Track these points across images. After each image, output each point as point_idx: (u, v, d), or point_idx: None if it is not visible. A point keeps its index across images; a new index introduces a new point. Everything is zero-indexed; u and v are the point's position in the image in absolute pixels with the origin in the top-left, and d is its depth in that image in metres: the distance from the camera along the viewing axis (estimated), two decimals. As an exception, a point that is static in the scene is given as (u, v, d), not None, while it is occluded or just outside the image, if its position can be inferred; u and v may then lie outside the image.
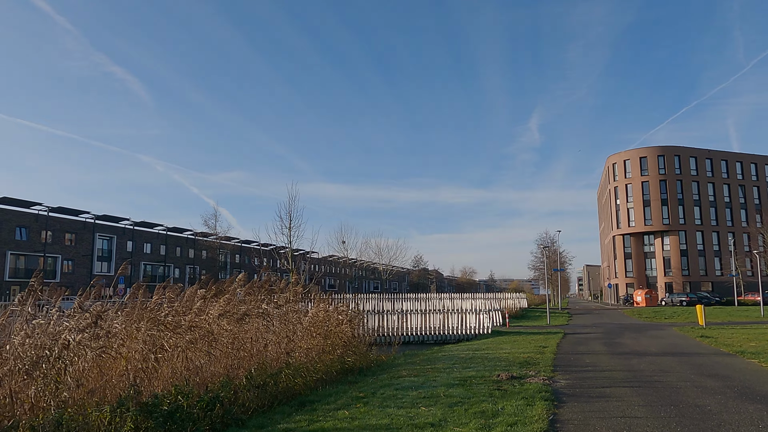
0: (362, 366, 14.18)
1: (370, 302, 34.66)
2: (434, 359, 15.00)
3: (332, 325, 15.22)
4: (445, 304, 34.63)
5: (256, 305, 11.48)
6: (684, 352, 15.61)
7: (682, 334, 21.64)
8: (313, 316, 13.40)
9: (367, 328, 21.53)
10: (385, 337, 21.74)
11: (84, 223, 62.99)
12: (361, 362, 14.52)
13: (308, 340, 13.45)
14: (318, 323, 14.26)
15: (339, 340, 15.13)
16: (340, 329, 15.59)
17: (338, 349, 14.81)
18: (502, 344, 18.52)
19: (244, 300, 11.71)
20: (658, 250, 70.62)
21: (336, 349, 14.70)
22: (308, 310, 14.23)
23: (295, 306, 13.85)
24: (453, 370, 12.04)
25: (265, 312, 11.28)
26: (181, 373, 9.47)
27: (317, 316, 14.26)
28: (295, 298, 13.74)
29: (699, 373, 11.25)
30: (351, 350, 15.75)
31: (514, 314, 38.02)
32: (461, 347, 18.38)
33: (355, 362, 13.56)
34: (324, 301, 15.64)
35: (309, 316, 12.89)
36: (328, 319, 15.17)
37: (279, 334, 12.20)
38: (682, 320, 32.78)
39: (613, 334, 22.40)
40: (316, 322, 14.52)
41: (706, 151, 72.49)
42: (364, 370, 13.68)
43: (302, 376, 11.19)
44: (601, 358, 14.35)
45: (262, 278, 15.13)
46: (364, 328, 20.10)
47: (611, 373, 11.51)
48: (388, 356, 16.92)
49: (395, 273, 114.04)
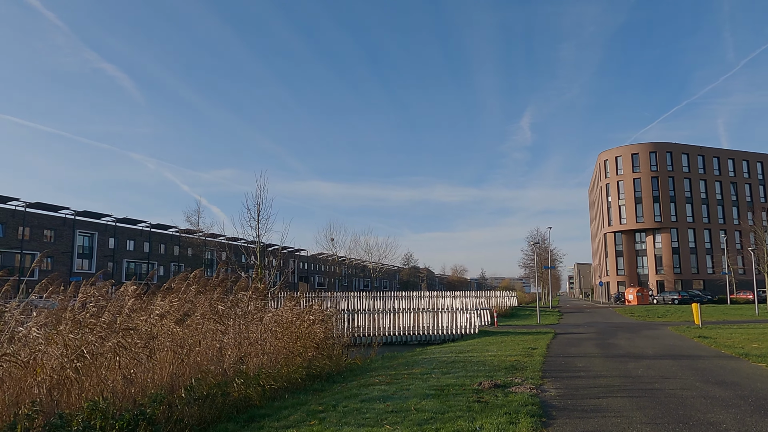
0: (333, 371, 12.91)
1: (354, 300, 33.35)
2: (413, 363, 13.75)
3: (302, 326, 13.95)
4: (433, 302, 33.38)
5: (207, 305, 10.15)
6: (683, 354, 14.45)
7: (679, 334, 20.53)
8: (275, 316, 12.06)
9: (347, 328, 20.28)
10: (365, 337, 20.47)
11: (64, 219, 61.23)
12: (333, 367, 13.25)
13: (273, 343, 12.17)
14: (284, 324, 12.97)
15: (310, 343, 13.88)
16: (311, 330, 14.33)
17: (309, 352, 13.56)
18: (489, 345, 17.30)
19: (193, 299, 10.37)
20: (649, 248, 69.84)
21: (307, 352, 13.45)
22: (272, 310, 12.91)
23: (259, 305, 12.54)
24: (431, 377, 10.79)
25: (218, 312, 9.94)
26: (113, 385, 8.18)
27: (282, 316, 12.97)
28: (257, 297, 12.41)
29: (704, 380, 10.07)
30: (324, 353, 14.53)
31: (504, 313, 36.87)
32: (445, 348, 17.15)
33: (323, 367, 12.28)
34: (293, 299, 14.34)
35: (269, 317, 11.56)
36: (297, 320, 13.90)
37: (236, 338, 10.90)
38: (676, 319, 31.76)
39: (606, 335, 21.27)
40: (282, 323, 13.24)
41: (698, 148, 71.78)
42: (334, 376, 12.40)
43: (260, 385, 9.90)
44: (595, 361, 13.15)
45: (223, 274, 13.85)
46: (343, 329, 18.83)
47: (606, 379, 10.30)
48: (365, 359, 15.66)
49: (385, 271, 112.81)
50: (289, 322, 12.82)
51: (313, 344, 13.98)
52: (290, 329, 13.40)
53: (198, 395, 8.13)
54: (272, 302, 16.79)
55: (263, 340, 11.73)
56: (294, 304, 13.89)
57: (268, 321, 11.65)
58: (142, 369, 8.78)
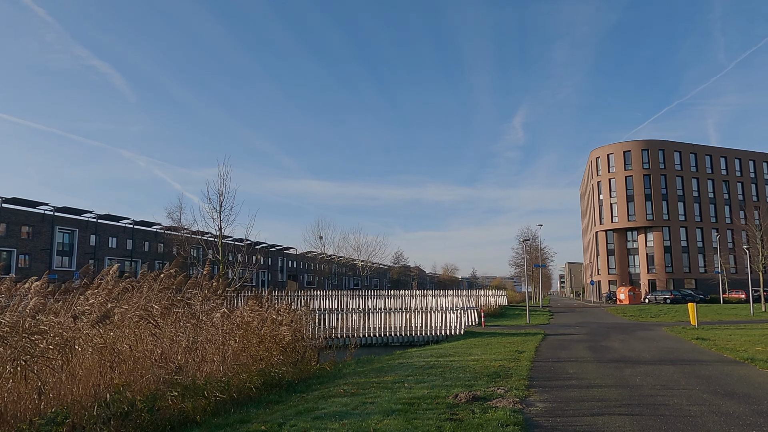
0: (296, 378, 11.59)
1: (335, 300, 31.98)
2: (388, 368, 12.45)
3: (265, 328, 12.63)
4: (419, 301, 32.10)
5: (140, 305, 8.80)
6: (683, 359, 13.25)
7: (675, 336, 19.38)
8: (234, 317, 10.72)
9: (322, 330, 18.96)
10: (341, 339, 19.14)
11: (42, 215, 59.39)
12: (297, 373, 11.93)
13: (231, 346, 10.84)
14: (243, 326, 11.64)
15: (275, 347, 12.57)
16: (277, 333, 13.01)
17: (275, 357, 12.25)
18: (473, 348, 16.04)
19: (117, 298, 9.01)
20: (641, 247, 68.95)
21: (272, 356, 12.14)
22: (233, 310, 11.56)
23: (217, 305, 11.19)
24: (402, 386, 9.50)
25: (151, 313, 8.59)
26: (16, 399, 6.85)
27: (242, 317, 11.64)
28: (214, 296, 11.07)
29: (712, 391, 8.84)
30: (291, 358, 13.24)
31: (492, 312, 35.68)
32: (425, 352, 15.86)
33: (284, 374, 10.94)
34: (256, 299, 13.02)
35: (218, 317, 10.21)
36: (259, 321, 12.58)
37: (181, 342, 9.56)
38: (670, 319, 30.70)
39: (598, 336, 20.08)
40: (242, 325, 11.91)
41: (691, 146, 70.97)
42: (296, 385, 11.08)
43: (205, 396, 8.57)
44: (587, 367, 11.91)
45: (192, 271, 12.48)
46: (315, 330, 17.52)
47: (602, 390, 9.04)
48: (337, 364, 14.35)
49: (375, 270, 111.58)
50: (247, 323, 11.50)
51: (279, 348, 12.69)
52: (251, 332, 12.10)
53: (116, 411, 6.80)
54: (237, 302, 15.47)
55: (216, 344, 10.40)
56: (257, 304, 12.56)
57: (221, 322, 10.29)
58: (57, 379, 7.45)
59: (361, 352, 19.11)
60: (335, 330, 19.45)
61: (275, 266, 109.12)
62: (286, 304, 15.11)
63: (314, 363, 14.22)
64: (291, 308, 15.59)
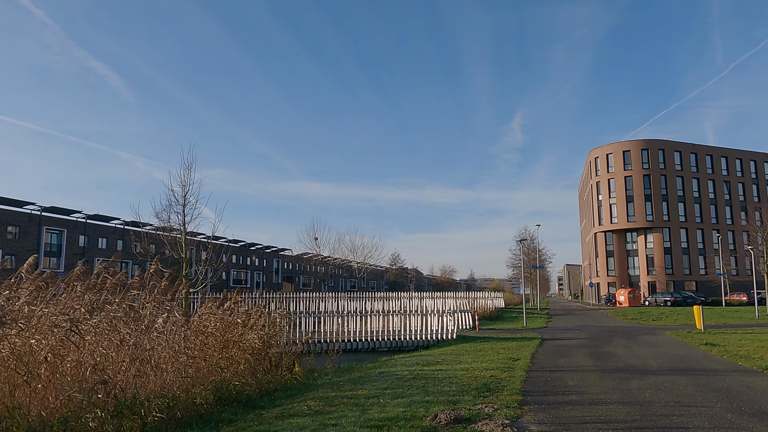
0: (262, 390, 10.28)
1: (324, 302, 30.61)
2: (366, 379, 11.15)
3: (230, 333, 11.34)
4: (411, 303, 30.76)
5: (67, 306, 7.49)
6: (695, 368, 11.97)
7: (682, 341, 18.11)
8: (172, 322, 9.40)
9: (302, 334, 17.67)
10: (324, 344, 17.84)
11: (30, 215, 58.01)
12: (265, 384, 10.63)
13: (186, 354, 9.54)
14: (200, 332, 10.35)
15: (242, 355, 11.27)
16: (244, 339, 11.72)
17: (241, 366, 10.96)
18: (464, 355, 14.74)
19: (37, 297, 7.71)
20: (640, 248, 67.70)
21: (237, 366, 10.85)
22: (177, 315, 10.26)
23: (166, 308, 9.89)
24: (377, 403, 8.20)
25: (70, 317, 7.28)
26: None
27: (199, 322, 10.35)
28: (158, 298, 9.76)
29: (736, 410, 7.56)
30: (262, 366, 11.96)
31: (488, 315, 34.39)
32: (411, 359, 14.54)
33: (243, 387, 9.62)
34: (219, 301, 11.72)
35: (161, 323, 8.90)
36: (225, 326, 11.28)
37: (119, 351, 8.25)
38: (673, 322, 29.45)
39: (599, 341, 18.80)
40: (202, 331, 10.62)
41: (691, 146, 69.80)
42: (258, 399, 9.76)
43: (140, 416, 7.27)
44: (589, 378, 10.62)
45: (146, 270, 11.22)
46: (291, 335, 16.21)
47: (607, 408, 7.76)
48: (313, 373, 13.06)
49: (371, 271, 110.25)
50: (202, 329, 10.20)
51: (246, 356, 11.39)
52: (212, 338, 10.81)
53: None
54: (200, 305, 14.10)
55: (169, 353, 9.10)
56: (219, 306, 11.26)
57: (170, 328, 8.99)
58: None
59: (346, 358, 17.84)
60: (318, 334, 18.13)
61: (270, 268, 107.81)
62: (258, 307, 13.82)
63: (289, 371, 12.93)
64: (265, 311, 14.30)
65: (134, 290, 9.75)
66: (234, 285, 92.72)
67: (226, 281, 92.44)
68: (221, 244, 21.26)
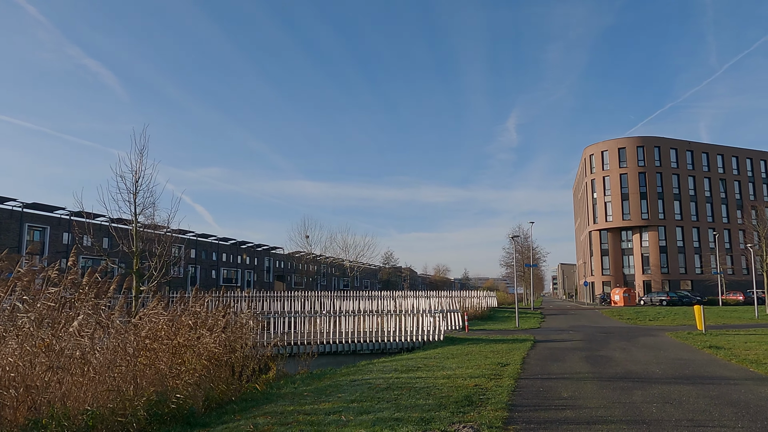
0: (211, 403, 9.00)
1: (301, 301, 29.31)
2: (333, 388, 9.87)
3: (180, 337, 10.05)
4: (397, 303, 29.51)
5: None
6: (703, 375, 10.76)
7: (683, 343, 16.93)
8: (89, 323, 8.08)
9: (276, 335, 16.40)
10: (300, 347, 16.55)
11: (11, 211, 56.38)
12: (215, 396, 9.34)
13: (122, 362, 8.26)
14: (145, 336, 9.05)
15: (197, 360, 9.99)
16: (200, 344, 10.43)
17: (197, 374, 9.68)
18: (449, 359, 13.49)
19: None
20: (636, 247, 66.69)
21: (191, 374, 9.55)
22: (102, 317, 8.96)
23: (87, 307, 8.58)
24: (335, 421, 6.93)
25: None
26: None
27: (139, 325, 9.05)
28: (82, 297, 8.44)
29: (764, 429, 6.34)
30: (221, 373, 10.70)
31: (479, 315, 33.18)
32: (390, 364, 13.26)
33: (186, 400, 8.31)
34: (165, 300, 10.43)
35: (76, 326, 7.59)
36: (175, 329, 10.00)
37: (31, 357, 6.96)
38: (671, 323, 28.36)
39: (595, 343, 17.60)
40: (147, 335, 9.33)
41: (687, 143, 68.83)
42: (203, 414, 8.47)
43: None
44: (586, 388, 9.39)
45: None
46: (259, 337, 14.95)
47: (608, 428, 6.51)
48: (278, 380, 11.78)
49: (365, 270, 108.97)
50: (147, 332, 8.91)
51: (202, 362, 10.11)
52: (158, 342, 9.51)
53: None
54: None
55: (99, 360, 7.81)
56: (166, 306, 9.97)
57: (91, 330, 7.68)
58: None
59: (325, 362, 16.59)
60: (294, 336, 16.82)
61: (262, 266, 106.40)
62: (222, 306, 12.54)
63: (254, 378, 11.66)
64: (231, 311, 13.01)
65: (67, 288, 8.43)
66: (224, 284, 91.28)
67: (215, 280, 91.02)
68: (174, 236, 19.75)
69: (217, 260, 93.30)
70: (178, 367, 9.64)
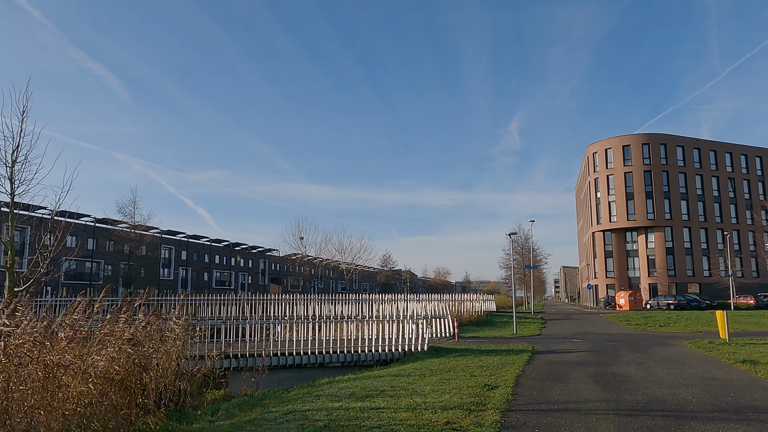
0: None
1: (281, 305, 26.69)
2: (259, 424, 7.28)
3: (55, 353, 7.52)
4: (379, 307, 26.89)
5: None
6: (753, 406, 8.15)
7: (709, 356, 14.30)
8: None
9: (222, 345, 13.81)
10: (251, 359, 13.93)
11: (-12, 211, 54.01)
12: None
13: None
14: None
15: (85, 386, 7.51)
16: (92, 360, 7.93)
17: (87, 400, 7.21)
18: (424, 378, 10.89)
19: None
20: (641, 248, 63.92)
21: (75, 401, 7.07)
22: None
23: None
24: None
25: None
26: None
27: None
28: None
29: None
30: (128, 400, 8.20)
31: (475, 320, 30.54)
32: (350, 384, 10.64)
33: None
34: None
35: None
36: (41, 341, 7.47)
37: None
38: (684, 329, 25.73)
39: (604, 355, 14.96)
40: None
41: (694, 141, 66.11)
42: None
43: None
44: (600, 427, 6.79)
45: None
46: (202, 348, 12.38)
47: None
48: (205, 408, 9.20)
49: (362, 273, 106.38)
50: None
51: (98, 388, 7.60)
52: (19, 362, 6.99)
53: None
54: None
55: None
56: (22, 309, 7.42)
57: None
58: None
59: (285, 377, 14.06)
60: (242, 346, 14.18)
61: (257, 269, 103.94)
62: (144, 313, 9.98)
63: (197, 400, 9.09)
64: (151, 316, 10.42)
65: None
66: (217, 287, 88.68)
67: (208, 282, 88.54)
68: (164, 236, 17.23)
69: (209, 262, 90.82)
70: (51, 398, 7.14)
